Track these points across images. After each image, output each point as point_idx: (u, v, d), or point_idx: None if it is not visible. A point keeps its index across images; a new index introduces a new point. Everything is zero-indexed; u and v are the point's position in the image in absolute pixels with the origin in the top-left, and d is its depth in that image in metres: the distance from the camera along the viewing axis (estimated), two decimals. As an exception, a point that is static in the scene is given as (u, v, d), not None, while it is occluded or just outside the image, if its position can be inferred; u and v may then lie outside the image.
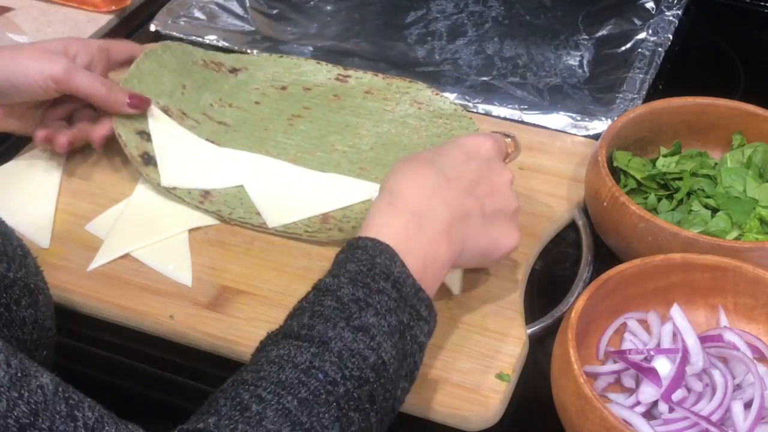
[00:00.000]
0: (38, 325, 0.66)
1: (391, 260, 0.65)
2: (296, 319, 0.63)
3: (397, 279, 0.65)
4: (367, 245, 0.66)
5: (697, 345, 0.72)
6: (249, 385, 0.58)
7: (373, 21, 1.17)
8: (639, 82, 1.04)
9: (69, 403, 0.51)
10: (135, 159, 0.91)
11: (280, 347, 0.61)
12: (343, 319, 0.62)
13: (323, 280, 0.66)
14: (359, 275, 0.64)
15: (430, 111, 1.00)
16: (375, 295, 0.63)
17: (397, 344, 0.63)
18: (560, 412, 0.70)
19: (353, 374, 0.60)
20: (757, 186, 0.84)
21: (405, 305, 0.65)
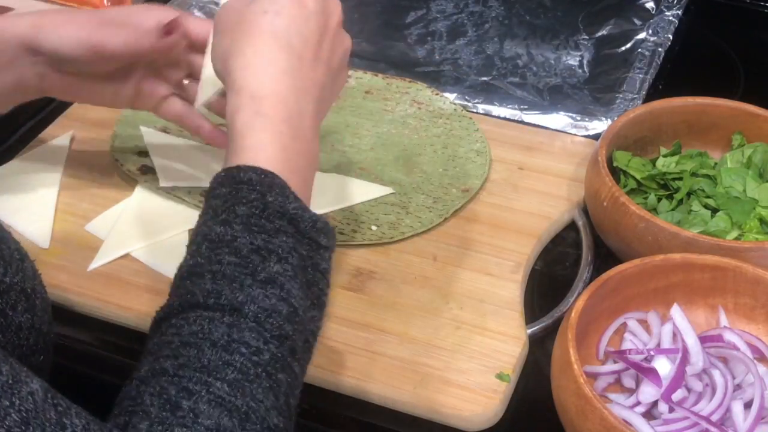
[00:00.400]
0: (35, 330, 0.65)
1: (282, 195, 0.61)
2: (197, 284, 0.58)
3: (293, 216, 0.61)
4: (252, 180, 0.61)
5: (697, 345, 0.73)
6: (172, 377, 0.54)
7: (373, 21, 1.17)
8: (639, 82, 1.04)
9: (58, 410, 0.50)
10: (133, 173, 0.92)
11: (190, 322, 0.57)
12: (249, 276, 0.58)
13: (213, 229, 0.60)
14: (253, 219, 0.59)
15: (430, 111, 1.00)
16: (274, 238, 0.59)
17: (302, 282, 0.60)
18: (560, 412, 0.70)
19: (273, 335, 0.57)
20: (757, 186, 0.84)
21: (303, 239, 0.61)
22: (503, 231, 0.87)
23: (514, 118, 1.01)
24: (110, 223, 0.88)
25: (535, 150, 0.96)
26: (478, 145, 0.95)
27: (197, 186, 0.91)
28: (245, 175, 0.61)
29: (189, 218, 0.88)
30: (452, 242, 0.86)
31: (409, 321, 0.79)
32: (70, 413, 0.51)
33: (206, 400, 0.53)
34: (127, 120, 0.99)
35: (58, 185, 0.92)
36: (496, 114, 1.02)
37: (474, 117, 0.99)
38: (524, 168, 0.94)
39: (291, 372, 0.58)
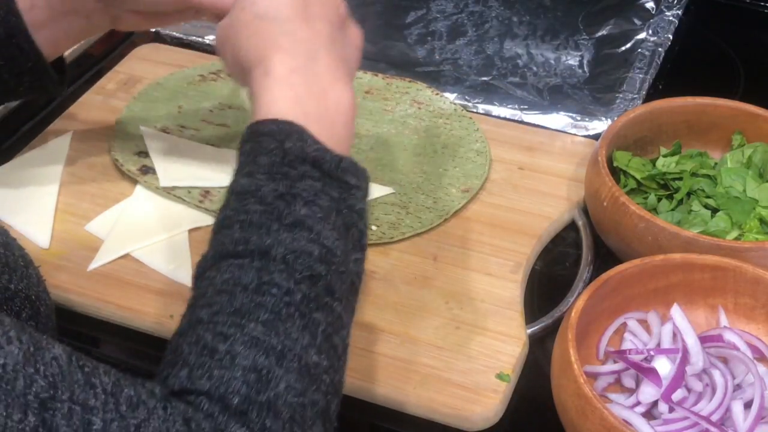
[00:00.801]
0: None
1: (301, 140, 0.61)
2: (226, 234, 0.59)
3: (314, 158, 0.61)
4: (272, 130, 0.62)
5: (697, 345, 0.73)
6: (207, 323, 0.55)
7: (373, 21, 1.17)
8: (639, 82, 1.04)
9: (84, 371, 0.50)
10: (133, 173, 0.92)
11: (222, 271, 0.57)
12: (275, 221, 0.58)
13: (239, 182, 0.61)
14: (274, 167, 0.60)
15: (430, 111, 1.00)
16: (297, 183, 0.60)
17: (335, 224, 0.60)
18: (560, 412, 0.70)
19: (304, 275, 0.57)
20: (757, 186, 0.84)
21: (331, 181, 0.61)
22: (503, 231, 0.87)
23: (514, 118, 1.01)
24: (110, 223, 0.88)
25: (535, 150, 0.96)
26: (478, 145, 0.95)
27: (197, 186, 0.91)
28: (265, 128, 0.62)
29: (189, 218, 0.88)
30: (452, 242, 0.86)
31: (409, 321, 0.79)
32: (98, 372, 0.51)
33: (241, 342, 0.54)
34: (127, 120, 0.99)
35: (58, 185, 0.92)
36: (496, 114, 1.02)
37: (474, 117, 0.99)
38: (524, 168, 0.94)
39: (330, 311, 0.58)
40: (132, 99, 1.02)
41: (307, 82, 0.65)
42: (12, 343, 0.48)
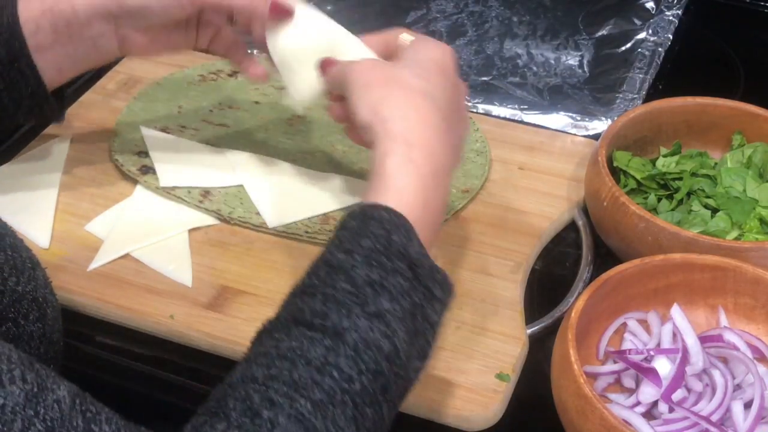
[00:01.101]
0: (46, 339, 0.65)
1: (407, 238, 0.62)
2: (307, 302, 0.60)
3: (413, 260, 0.61)
4: (383, 218, 0.62)
5: (697, 345, 0.72)
6: (260, 385, 0.55)
7: (373, 21, 1.17)
8: (639, 82, 1.04)
9: (86, 416, 0.49)
10: (133, 173, 0.92)
11: (291, 338, 0.58)
12: (358, 305, 0.58)
13: (335, 255, 0.61)
14: (374, 253, 0.60)
15: (430, 111, 1.00)
16: (390, 277, 0.60)
17: (409, 327, 0.60)
18: (560, 412, 0.70)
19: (369, 368, 0.57)
20: (757, 186, 0.84)
21: (419, 285, 0.61)
22: (503, 231, 0.87)
23: (514, 118, 1.01)
24: (110, 223, 0.88)
25: (535, 150, 0.96)
26: (478, 145, 0.95)
27: (197, 186, 0.91)
28: (377, 213, 0.62)
29: (189, 218, 0.88)
30: (452, 242, 0.86)
31: (409, 321, 0.79)
32: (100, 419, 0.50)
33: (287, 414, 0.54)
34: (127, 120, 0.99)
35: (58, 185, 0.92)
36: (496, 114, 1.02)
37: (474, 117, 0.99)
38: (524, 168, 0.94)
39: (379, 411, 0.58)
40: (132, 99, 1.02)
41: (436, 188, 0.66)
42: (15, 383, 0.48)
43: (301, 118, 0.99)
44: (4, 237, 0.64)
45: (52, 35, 0.79)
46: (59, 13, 0.79)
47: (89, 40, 0.81)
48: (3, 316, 0.61)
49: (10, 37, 0.78)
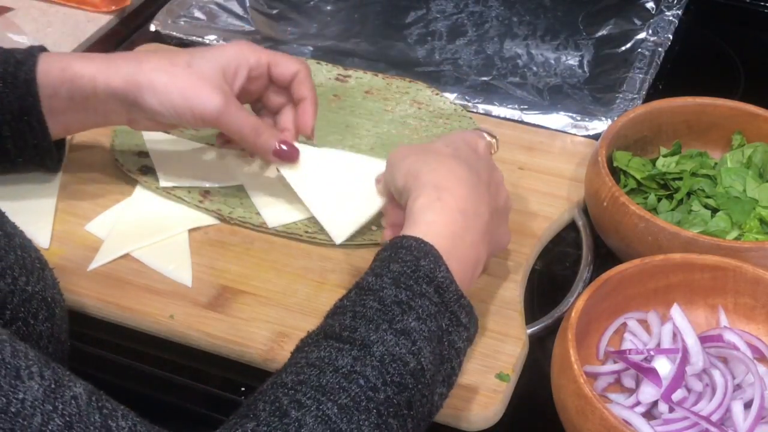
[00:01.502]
0: (54, 338, 0.65)
1: (435, 264, 0.65)
2: (337, 319, 0.62)
3: (440, 284, 0.64)
4: (411, 245, 0.65)
5: (697, 345, 0.72)
6: (288, 389, 0.57)
7: (373, 21, 1.17)
8: (639, 82, 1.04)
9: (102, 412, 0.50)
10: (133, 173, 0.92)
11: (321, 349, 0.60)
12: (386, 322, 0.61)
13: (366, 279, 0.65)
14: (402, 277, 0.63)
15: (430, 111, 1.00)
16: (417, 298, 0.63)
17: (435, 350, 0.62)
18: (560, 412, 0.70)
19: (394, 380, 0.59)
20: (757, 186, 0.84)
21: (446, 311, 0.64)
22: (503, 231, 0.87)
23: (514, 118, 1.01)
24: (110, 223, 0.88)
25: (535, 150, 0.96)
26: (478, 145, 0.95)
27: (197, 186, 0.91)
28: (407, 242, 0.66)
29: (189, 218, 0.88)
30: (452, 242, 0.86)
31: (409, 321, 0.79)
32: (116, 415, 0.51)
33: (314, 416, 0.55)
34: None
35: (58, 185, 0.92)
36: (496, 114, 1.02)
37: (474, 117, 0.99)
38: (524, 168, 0.94)
39: (403, 423, 0.59)
40: None
41: (466, 227, 0.69)
42: (33, 379, 0.49)
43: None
44: (13, 237, 0.64)
45: (67, 102, 0.81)
46: (79, 87, 0.80)
47: (102, 113, 0.83)
48: (14, 315, 0.61)
49: (26, 93, 0.80)
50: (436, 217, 0.68)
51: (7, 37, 1.12)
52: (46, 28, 1.15)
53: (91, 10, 1.18)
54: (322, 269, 0.83)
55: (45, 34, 1.14)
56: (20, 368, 0.49)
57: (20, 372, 0.49)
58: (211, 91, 0.80)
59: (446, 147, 0.74)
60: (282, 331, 0.78)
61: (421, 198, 0.69)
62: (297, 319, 0.79)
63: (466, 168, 0.71)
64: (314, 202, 0.86)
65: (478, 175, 0.72)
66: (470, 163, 0.73)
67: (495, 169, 0.77)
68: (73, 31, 1.15)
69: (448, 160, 0.72)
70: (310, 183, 0.87)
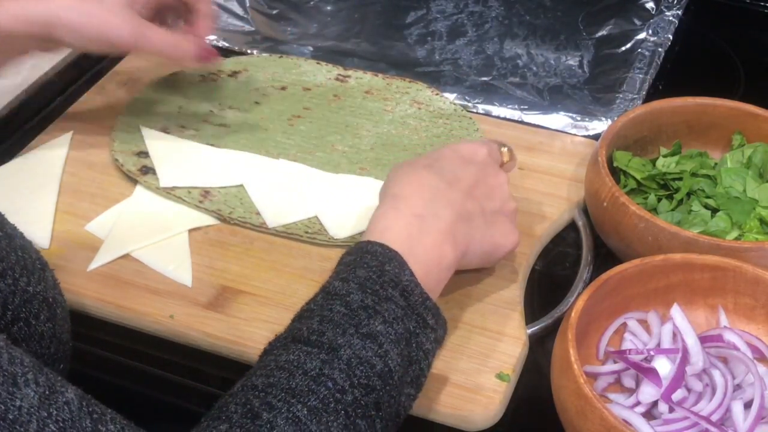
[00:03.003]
0: (56, 339, 0.66)
1: (400, 268, 0.66)
2: (305, 323, 0.63)
3: (405, 287, 0.66)
4: (376, 251, 0.67)
5: (697, 345, 0.72)
6: (259, 392, 0.58)
7: (373, 21, 1.17)
8: (639, 82, 1.04)
9: (93, 417, 0.51)
10: (133, 173, 0.92)
11: (290, 352, 0.61)
12: (353, 326, 0.62)
13: (332, 284, 0.66)
14: (368, 282, 0.65)
15: (430, 111, 1.00)
16: (383, 302, 0.64)
17: (402, 352, 0.63)
18: (560, 412, 0.70)
19: (361, 382, 0.60)
20: (757, 186, 0.84)
21: (412, 313, 0.65)
22: (503, 231, 0.87)
23: (514, 118, 1.01)
24: (110, 223, 0.88)
25: (535, 150, 0.96)
26: (478, 145, 0.95)
27: (197, 186, 0.91)
28: (371, 247, 0.68)
29: (189, 218, 0.88)
30: (452, 242, 0.86)
31: (409, 321, 0.79)
32: (105, 419, 0.52)
33: (285, 417, 0.57)
34: (127, 120, 0.99)
35: (58, 185, 0.92)
36: (496, 114, 1.02)
37: (474, 117, 0.99)
38: (524, 168, 0.94)
39: (371, 425, 0.61)
40: (132, 99, 1.02)
41: (423, 230, 0.70)
42: (29, 386, 0.49)
43: (302, 119, 1.00)
44: (13, 238, 0.64)
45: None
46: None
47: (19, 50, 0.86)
48: (15, 316, 0.62)
49: None
50: (389, 224, 0.70)
51: (7, 37, 1.12)
52: (46, 28, 1.15)
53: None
54: (322, 269, 0.83)
55: (45, 34, 1.13)
56: (17, 375, 0.49)
57: (17, 379, 0.49)
58: (122, 21, 0.85)
59: (426, 159, 0.77)
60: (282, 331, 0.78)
61: (380, 208, 0.72)
62: (297, 319, 0.79)
63: (435, 176, 0.74)
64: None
65: (451, 181, 0.74)
66: (446, 170, 0.75)
67: (491, 174, 0.78)
68: (73, 31, 1.14)
69: (418, 171, 0.75)
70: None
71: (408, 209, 0.71)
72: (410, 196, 0.72)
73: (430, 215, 0.71)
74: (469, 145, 0.79)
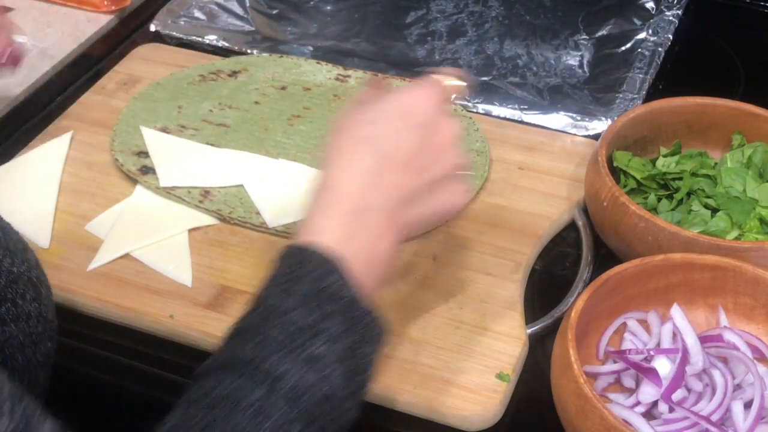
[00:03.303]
0: (42, 317, 0.66)
1: (341, 279, 0.62)
2: (247, 342, 0.60)
3: (349, 302, 0.62)
4: (314, 259, 0.63)
5: (697, 345, 0.72)
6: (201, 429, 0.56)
7: (373, 21, 1.17)
8: (639, 82, 1.04)
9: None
10: (133, 173, 0.92)
11: (229, 381, 0.58)
12: (295, 350, 0.59)
13: (268, 299, 0.62)
14: (310, 296, 0.61)
15: (430, 111, 1.00)
16: (326, 319, 0.60)
17: (347, 366, 0.61)
18: (560, 412, 0.70)
19: (306, 411, 0.58)
20: (757, 186, 0.84)
21: (355, 326, 0.62)
22: (503, 231, 0.87)
23: (514, 118, 1.01)
24: (110, 223, 0.88)
25: (535, 150, 0.96)
26: (478, 144, 0.95)
27: (197, 186, 0.91)
28: (310, 254, 0.63)
29: (189, 218, 0.88)
30: (452, 242, 0.86)
31: (409, 321, 0.79)
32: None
33: None
34: (127, 120, 0.99)
35: (58, 185, 0.92)
36: (496, 114, 1.02)
37: (474, 117, 0.99)
38: (524, 168, 0.94)
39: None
40: (132, 99, 1.02)
41: (360, 226, 0.65)
42: (4, 416, 0.48)
43: (301, 118, 1.00)
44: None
45: None
46: None
47: None
48: (2, 296, 0.62)
49: None
50: (325, 223, 0.65)
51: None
52: (46, 28, 1.15)
53: (91, 10, 1.18)
54: (322, 269, 0.83)
55: (45, 34, 1.14)
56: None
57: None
58: None
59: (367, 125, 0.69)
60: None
61: (315, 201, 0.67)
62: (297, 319, 0.79)
63: (372, 156, 0.67)
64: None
65: (391, 156, 0.68)
66: (385, 139, 0.68)
67: (436, 131, 0.70)
68: (73, 31, 1.15)
69: (355, 149, 0.68)
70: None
71: (343, 204, 0.66)
72: (345, 188, 0.66)
73: (367, 208, 0.66)
74: (412, 96, 0.71)
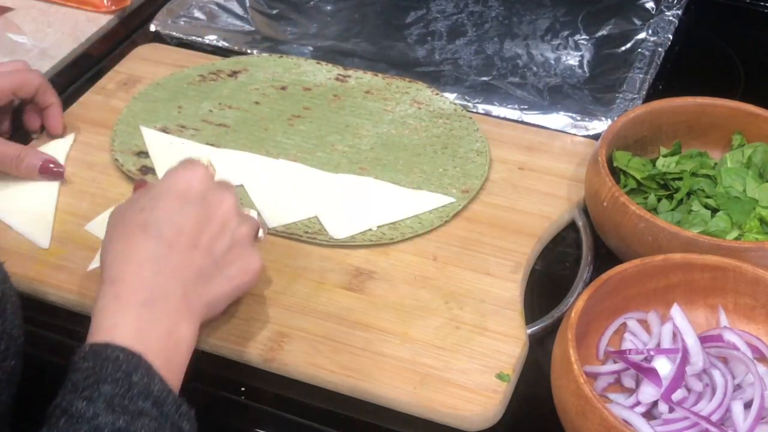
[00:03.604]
0: (6, 335, 0.64)
1: (148, 377, 0.61)
2: None
3: (157, 398, 0.61)
4: (118, 357, 0.61)
5: (697, 345, 0.72)
6: None
7: (373, 21, 1.17)
8: (639, 82, 1.04)
9: None
10: (133, 173, 0.92)
11: None
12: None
13: (74, 404, 0.59)
14: (116, 399, 0.59)
15: (430, 111, 1.00)
16: (136, 420, 0.59)
17: None
18: (560, 412, 0.70)
19: None
20: (757, 186, 0.84)
21: (167, 423, 0.61)
22: (503, 231, 0.87)
23: (514, 118, 1.01)
24: (110, 223, 0.88)
25: (535, 150, 0.96)
26: (478, 145, 0.95)
27: (197, 186, 0.91)
28: (112, 353, 0.62)
29: (189, 218, 0.88)
30: (452, 242, 0.86)
31: (409, 321, 0.79)
32: None
33: None
34: (127, 120, 0.99)
35: (58, 185, 0.92)
36: (496, 114, 1.02)
37: (474, 117, 0.99)
38: (524, 168, 0.94)
39: None
40: (132, 99, 1.02)
41: (155, 317, 0.65)
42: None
43: (302, 118, 1.00)
44: None
45: None
46: None
47: None
48: None
49: None
50: (117, 320, 0.64)
51: (7, 38, 1.12)
52: (46, 28, 1.15)
53: (91, 10, 1.18)
54: (322, 269, 0.83)
55: (45, 34, 1.14)
56: None
57: None
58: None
59: (141, 212, 0.70)
60: (282, 331, 0.78)
61: (100, 298, 0.66)
62: (297, 319, 0.79)
63: (153, 240, 0.68)
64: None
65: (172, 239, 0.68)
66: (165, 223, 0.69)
67: (212, 204, 0.72)
68: (73, 31, 1.15)
69: (134, 237, 0.68)
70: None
71: (132, 297, 0.65)
72: (131, 279, 0.66)
73: (156, 298, 0.66)
74: (179, 176, 0.73)
